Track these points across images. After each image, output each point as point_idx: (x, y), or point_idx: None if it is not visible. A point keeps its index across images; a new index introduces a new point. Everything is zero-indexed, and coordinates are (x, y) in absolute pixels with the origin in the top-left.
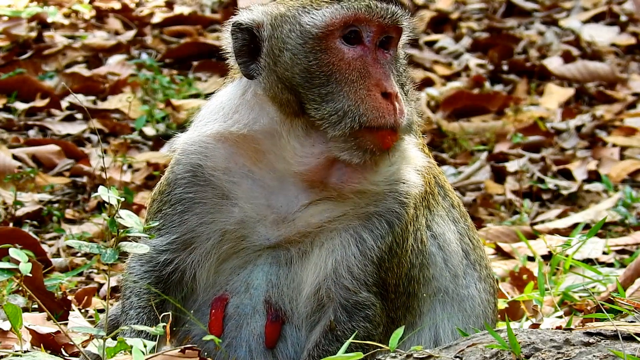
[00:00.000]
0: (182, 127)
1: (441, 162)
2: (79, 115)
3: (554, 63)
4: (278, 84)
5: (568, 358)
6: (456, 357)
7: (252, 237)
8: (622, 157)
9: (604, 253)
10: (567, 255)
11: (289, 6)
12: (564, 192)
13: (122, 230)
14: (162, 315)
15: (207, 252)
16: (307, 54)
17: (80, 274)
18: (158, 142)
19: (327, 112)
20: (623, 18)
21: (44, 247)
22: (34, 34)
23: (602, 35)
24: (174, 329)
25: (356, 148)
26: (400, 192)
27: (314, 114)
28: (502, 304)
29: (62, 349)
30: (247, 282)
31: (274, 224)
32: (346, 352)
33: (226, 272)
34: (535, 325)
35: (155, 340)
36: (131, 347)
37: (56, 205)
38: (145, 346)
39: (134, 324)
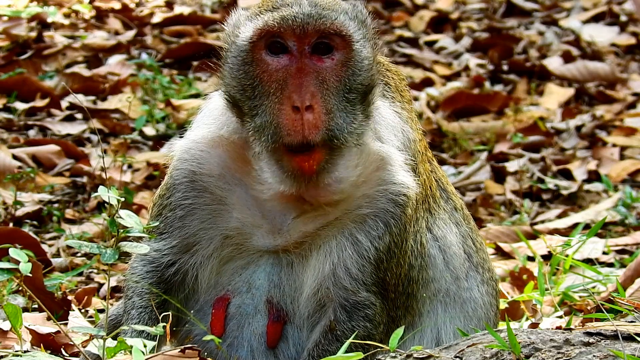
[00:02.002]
0: (182, 127)
1: (441, 162)
2: (79, 115)
3: (554, 63)
4: (225, 99)
5: (568, 358)
6: (456, 357)
7: (252, 240)
8: (622, 157)
9: (604, 253)
10: (567, 255)
11: (243, 14)
12: (564, 192)
13: (122, 230)
14: (162, 315)
15: (210, 254)
16: (239, 66)
17: (80, 274)
18: (158, 142)
19: (252, 127)
20: (623, 18)
21: (44, 247)
22: (34, 34)
23: (602, 35)
24: (175, 328)
25: (280, 172)
26: (392, 193)
27: (246, 131)
28: (502, 304)
29: (62, 349)
30: (249, 282)
31: (269, 233)
32: (346, 351)
33: (228, 272)
34: (534, 325)
35: (155, 340)
36: (131, 347)
37: (56, 205)
38: (145, 346)
39: (135, 323)
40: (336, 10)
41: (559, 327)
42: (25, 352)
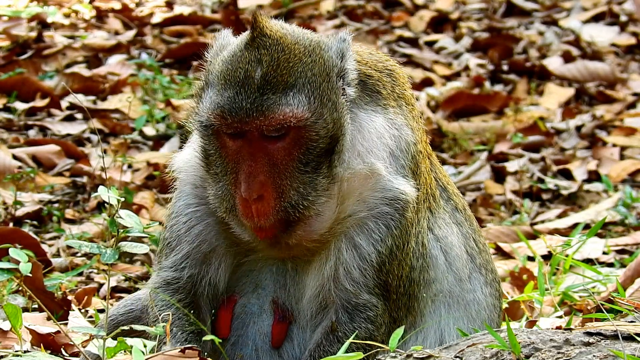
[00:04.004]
0: (181, 127)
1: (441, 162)
2: (79, 115)
3: (554, 63)
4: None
5: (568, 358)
6: (456, 357)
7: (258, 246)
8: (622, 157)
9: (604, 253)
10: (567, 255)
11: (211, 75)
12: (564, 192)
13: (122, 230)
14: (162, 315)
15: (225, 260)
16: (203, 133)
17: (80, 274)
18: (158, 142)
19: (212, 192)
20: (623, 18)
21: (44, 247)
22: (34, 34)
23: (602, 35)
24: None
25: (244, 230)
26: (388, 198)
27: (209, 189)
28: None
29: (62, 349)
30: (255, 282)
31: (270, 246)
32: (348, 352)
33: (237, 275)
34: (531, 323)
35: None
36: (131, 347)
37: (56, 205)
38: (145, 346)
39: (177, 335)
40: (284, 88)
41: (559, 327)
42: (25, 352)
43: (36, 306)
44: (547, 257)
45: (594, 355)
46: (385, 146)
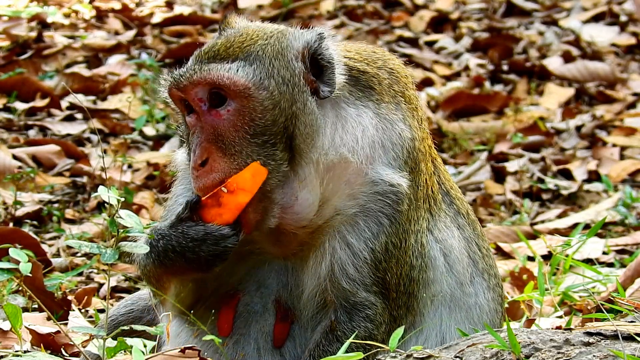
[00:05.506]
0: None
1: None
2: (79, 115)
3: (554, 63)
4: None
5: (568, 358)
6: (456, 357)
7: (259, 243)
8: (622, 157)
9: (604, 253)
10: (567, 255)
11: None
12: (564, 192)
13: (122, 230)
14: (162, 315)
15: None
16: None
17: (80, 274)
18: (158, 142)
19: None
20: (623, 18)
21: (44, 247)
22: (34, 34)
23: (602, 35)
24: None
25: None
26: (377, 192)
27: None
28: None
29: (62, 349)
30: (258, 281)
31: (269, 240)
32: (347, 352)
33: (241, 272)
34: (530, 322)
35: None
36: (131, 347)
37: (56, 205)
38: (145, 346)
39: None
40: (226, 57)
41: (559, 327)
42: (25, 352)
43: (36, 306)
44: (547, 257)
45: (594, 355)
46: (368, 138)
